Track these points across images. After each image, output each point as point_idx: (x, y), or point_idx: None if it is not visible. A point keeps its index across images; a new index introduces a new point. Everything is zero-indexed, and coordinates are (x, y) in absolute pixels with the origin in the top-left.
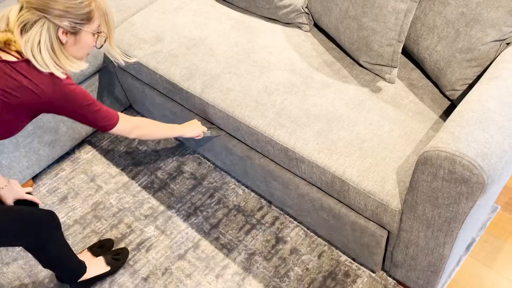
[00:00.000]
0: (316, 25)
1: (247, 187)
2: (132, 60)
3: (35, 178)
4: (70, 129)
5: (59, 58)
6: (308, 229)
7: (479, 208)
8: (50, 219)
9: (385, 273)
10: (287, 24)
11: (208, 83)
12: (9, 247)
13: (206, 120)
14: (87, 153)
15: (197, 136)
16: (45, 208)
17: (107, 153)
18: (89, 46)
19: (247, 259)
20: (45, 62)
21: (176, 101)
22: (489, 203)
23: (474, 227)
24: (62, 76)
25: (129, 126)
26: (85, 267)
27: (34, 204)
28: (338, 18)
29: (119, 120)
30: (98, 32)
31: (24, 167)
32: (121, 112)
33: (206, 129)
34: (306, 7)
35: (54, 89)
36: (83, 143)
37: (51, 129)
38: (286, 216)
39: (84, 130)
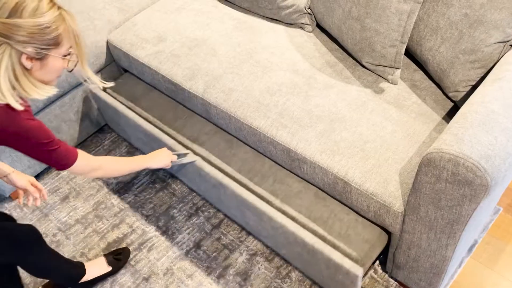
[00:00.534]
0: (318, 25)
1: None
2: (108, 84)
3: (36, 177)
4: (72, 128)
5: (23, 85)
6: None
7: (482, 210)
8: (30, 234)
9: (386, 275)
10: (289, 24)
11: (210, 83)
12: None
13: (182, 144)
14: (89, 153)
15: (166, 166)
16: (24, 223)
17: (109, 153)
18: (57, 70)
19: (249, 259)
20: (2, 92)
21: (179, 102)
22: (492, 205)
23: (476, 229)
24: (20, 108)
25: (89, 166)
26: (84, 269)
27: (10, 219)
28: (341, 19)
29: (77, 160)
30: (68, 55)
31: (25, 167)
32: (97, 131)
33: (175, 157)
34: (309, 8)
35: (9, 123)
36: (85, 142)
37: (52, 128)
38: None
39: (85, 130)
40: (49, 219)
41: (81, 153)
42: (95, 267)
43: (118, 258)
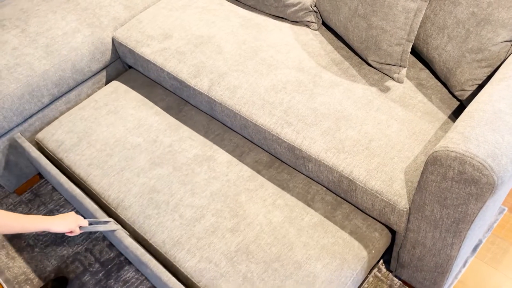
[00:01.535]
0: (324, 23)
1: None
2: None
3: None
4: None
5: None
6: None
7: (487, 209)
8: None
9: (391, 274)
10: (295, 22)
11: (215, 81)
12: (15, 242)
13: (106, 208)
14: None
15: (69, 232)
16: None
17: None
18: None
19: None
20: None
21: (184, 99)
22: (497, 205)
23: (481, 228)
24: None
25: None
26: None
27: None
28: (347, 17)
29: None
30: None
31: None
32: (29, 179)
33: (86, 222)
34: (315, 6)
35: None
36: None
37: None
38: None
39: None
40: None
41: None
42: None
43: None
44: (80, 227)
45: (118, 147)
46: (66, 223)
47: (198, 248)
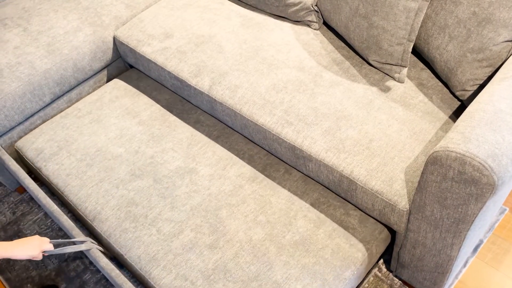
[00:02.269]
0: (325, 23)
1: None
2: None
3: None
4: None
5: None
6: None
7: (487, 209)
8: None
9: (391, 274)
10: (296, 22)
11: (216, 80)
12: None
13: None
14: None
15: (34, 257)
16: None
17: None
18: None
19: None
20: None
21: (184, 98)
22: (498, 205)
23: (482, 229)
24: None
25: None
26: None
27: None
28: (348, 17)
29: None
30: None
31: None
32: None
33: (51, 246)
34: (316, 5)
35: None
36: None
37: None
38: None
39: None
40: None
41: None
42: None
43: None
44: (45, 251)
45: (99, 157)
46: (27, 250)
47: (174, 265)
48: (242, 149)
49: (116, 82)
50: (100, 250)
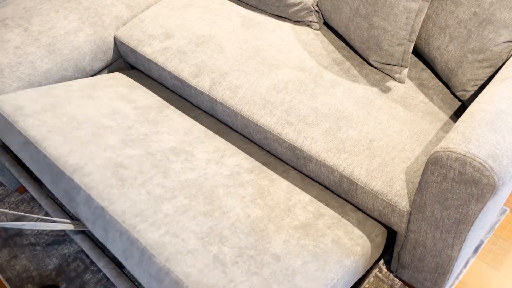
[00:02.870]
0: (326, 23)
1: None
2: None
3: None
4: None
5: None
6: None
7: (488, 210)
8: None
9: (391, 274)
10: (296, 22)
11: (216, 80)
12: (17, 240)
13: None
14: None
15: None
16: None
17: None
18: None
19: None
20: None
21: (185, 98)
22: (498, 206)
23: (482, 229)
24: None
25: None
26: None
27: None
28: (348, 17)
29: None
30: None
31: None
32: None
33: None
34: (316, 6)
35: None
36: None
37: None
38: None
39: None
40: None
41: None
42: None
43: None
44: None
45: (87, 124)
46: None
47: (164, 223)
48: (240, 146)
49: (115, 74)
50: (81, 231)
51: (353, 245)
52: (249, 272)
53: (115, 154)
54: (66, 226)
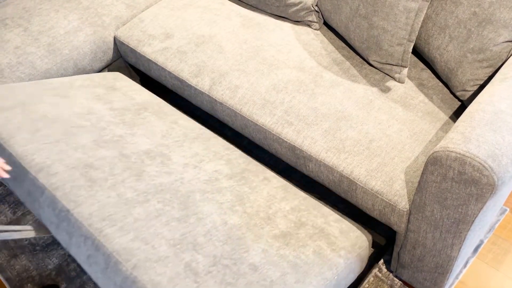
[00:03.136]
0: (326, 23)
1: None
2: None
3: None
4: None
5: None
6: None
7: (488, 210)
8: None
9: (391, 274)
10: (296, 22)
11: (216, 80)
12: (17, 240)
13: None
14: None
15: None
16: None
17: None
18: None
19: None
20: None
21: (185, 98)
22: (498, 205)
23: (482, 229)
24: None
25: None
26: None
27: None
28: (348, 17)
29: None
30: None
31: None
32: None
33: None
34: (316, 5)
35: None
36: None
37: None
38: None
39: None
40: None
41: None
42: None
43: None
44: None
45: (59, 123)
46: None
47: (134, 228)
48: (220, 152)
49: (106, 74)
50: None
51: (335, 256)
52: (223, 283)
53: (86, 154)
54: (26, 234)
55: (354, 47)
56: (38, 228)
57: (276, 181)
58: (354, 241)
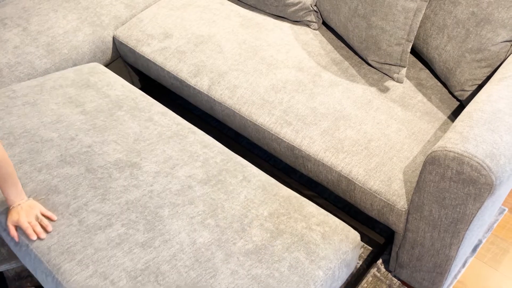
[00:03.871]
0: (324, 23)
1: None
2: None
3: None
4: None
5: None
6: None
7: (486, 209)
8: None
9: (390, 274)
10: (295, 22)
11: (215, 80)
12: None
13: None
14: None
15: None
16: None
17: None
18: None
19: None
20: None
21: (184, 98)
22: (497, 205)
23: (480, 228)
24: None
25: None
26: None
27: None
28: (347, 17)
29: None
30: None
31: None
32: None
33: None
34: (315, 5)
35: None
36: None
37: None
38: None
39: None
40: None
41: None
42: None
43: None
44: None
45: (24, 139)
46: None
47: (93, 261)
48: (196, 151)
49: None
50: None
51: (314, 269)
52: None
53: (51, 175)
54: (7, 266)
55: (352, 47)
56: (15, 261)
57: (256, 180)
58: (338, 246)
